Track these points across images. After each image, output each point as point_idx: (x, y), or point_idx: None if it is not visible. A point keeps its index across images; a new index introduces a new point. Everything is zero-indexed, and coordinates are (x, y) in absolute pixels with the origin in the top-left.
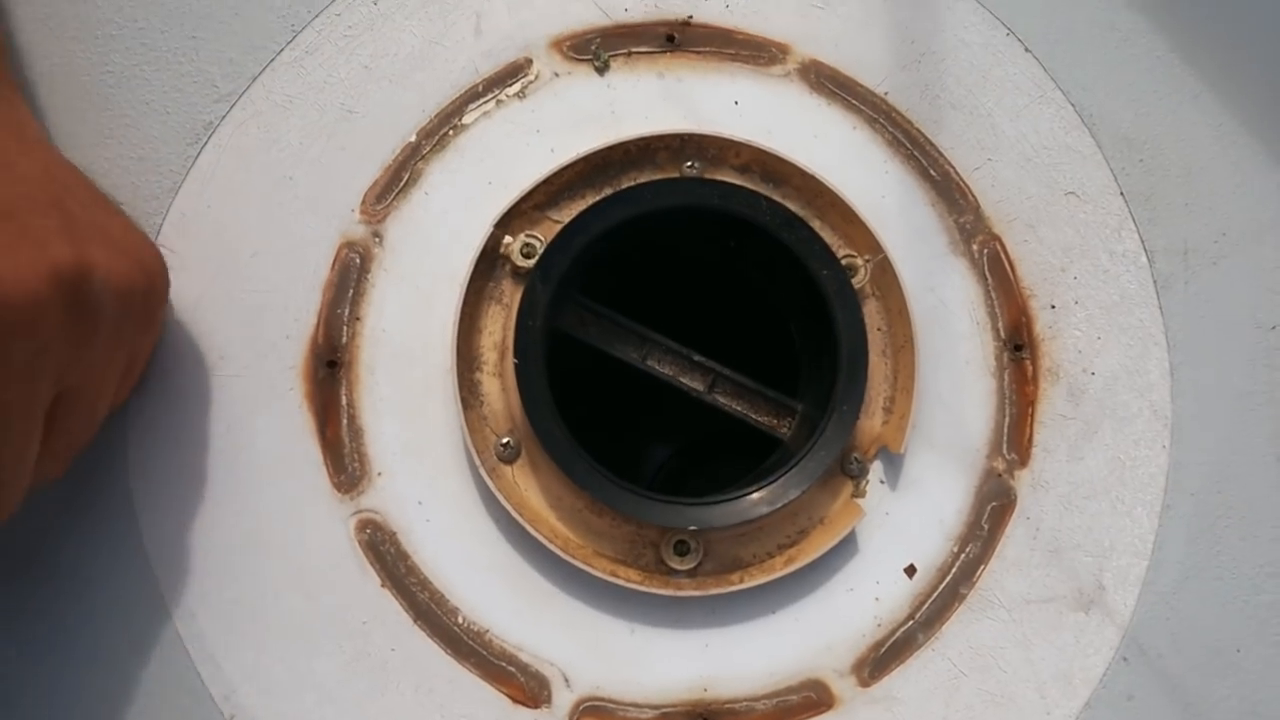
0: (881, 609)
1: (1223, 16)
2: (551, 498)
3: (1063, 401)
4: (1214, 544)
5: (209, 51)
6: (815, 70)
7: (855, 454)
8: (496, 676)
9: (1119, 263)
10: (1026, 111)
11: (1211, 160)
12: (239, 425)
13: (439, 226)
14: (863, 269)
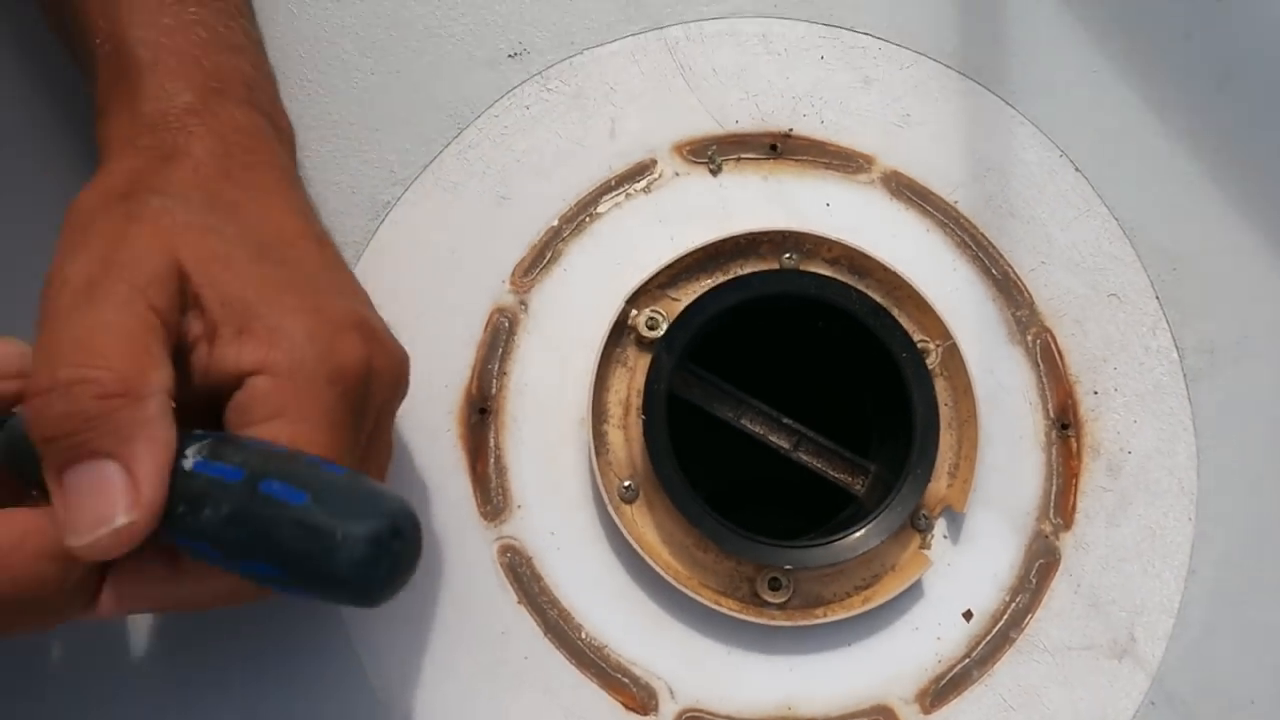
0: (942, 647)
1: (1246, 148)
2: (664, 534)
3: (1102, 475)
4: (1233, 607)
5: (389, 143)
6: (896, 179)
7: (924, 511)
8: (612, 686)
9: (1153, 357)
10: (1075, 223)
11: (1235, 272)
12: (405, 458)
13: (576, 298)
14: (934, 353)
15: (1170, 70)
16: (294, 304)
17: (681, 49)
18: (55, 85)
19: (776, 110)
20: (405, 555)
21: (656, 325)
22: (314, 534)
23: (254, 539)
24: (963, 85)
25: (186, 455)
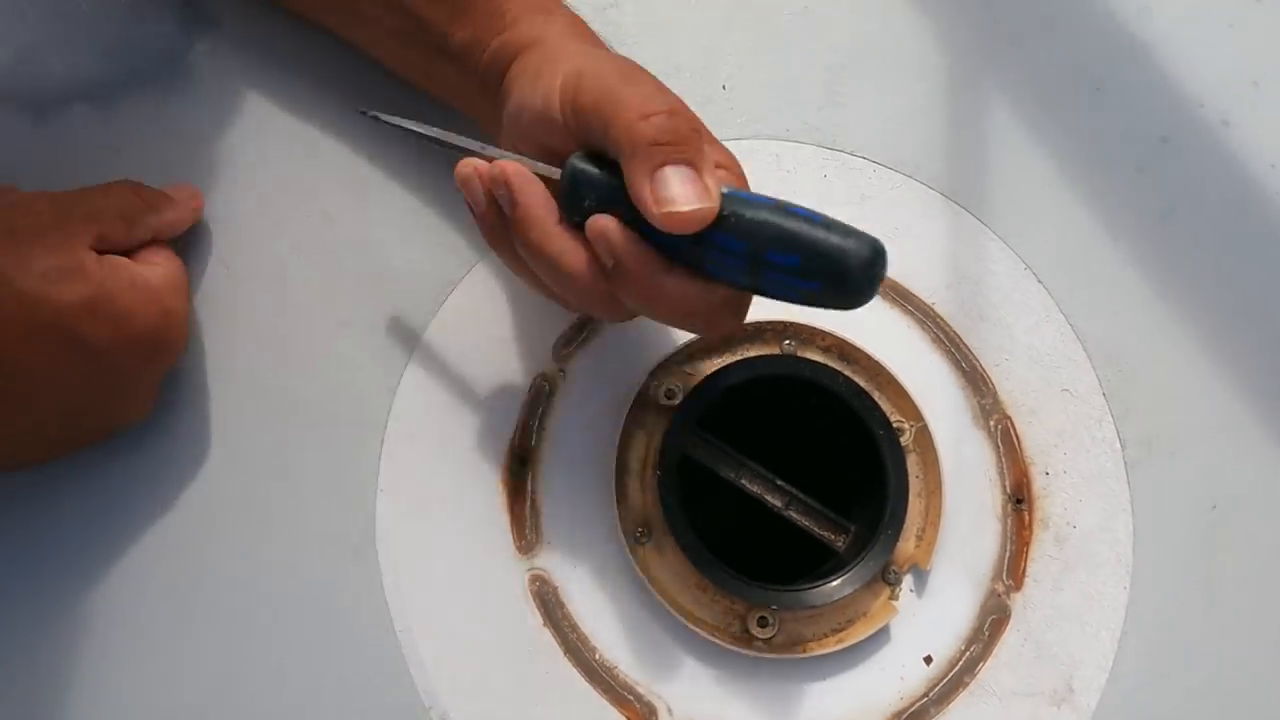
0: (905, 686)
1: (1185, 271)
2: (671, 573)
3: (1050, 545)
4: (1159, 666)
5: (458, 230)
6: (884, 282)
7: (894, 567)
8: (619, 701)
9: (1098, 445)
10: (1035, 327)
11: (1172, 376)
12: (456, 496)
13: (606, 370)
14: (908, 431)
15: (1123, 200)
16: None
17: None
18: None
19: None
20: (884, 271)
21: (673, 395)
22: (835, 236)
23: (786, 236)
24: (944, 205)
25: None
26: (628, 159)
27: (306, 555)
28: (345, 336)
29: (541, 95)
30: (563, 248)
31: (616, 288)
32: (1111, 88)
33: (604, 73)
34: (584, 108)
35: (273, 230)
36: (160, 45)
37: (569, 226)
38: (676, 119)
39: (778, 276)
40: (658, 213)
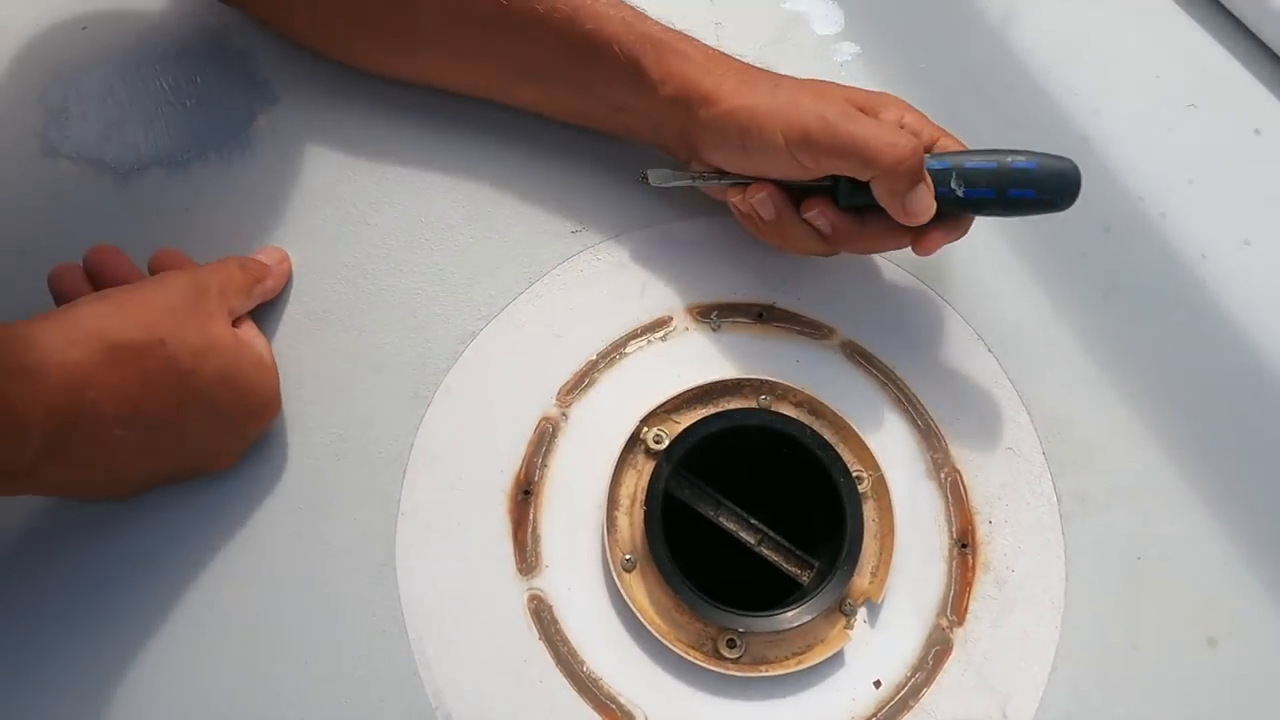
0: (855, 707)
1: (1121, 345)
2: (653, 597)
3: (990, 586)
4: (1084, 700)
5: (479, 287)
6: (850, 346)
7: (849, 600)
8: (603, 709)
9: (1037, 499)
10: (985, 391)
11: (1106, 438)
12: (466, 522)
13: (603, 415)
14: (866, 480)
15: (1067, 281)
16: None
17: (697, 237)
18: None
19: (764, 287)
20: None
21: (661, 440)
22: (1055, 170)
23: (1022, 179)
24: (907, 280)
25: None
26: (885, 185)
27: (334, 570)
28: (377, 378)
29: (763, 138)
30: (798, 231)
31: (825, 245)
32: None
33: (832, 116)
34: (831, 142)
35: (316, 283)
36: (227, 119)
37: (796, 216)
38: (915, 153)
39: (1018, 199)
40: (910, 218)
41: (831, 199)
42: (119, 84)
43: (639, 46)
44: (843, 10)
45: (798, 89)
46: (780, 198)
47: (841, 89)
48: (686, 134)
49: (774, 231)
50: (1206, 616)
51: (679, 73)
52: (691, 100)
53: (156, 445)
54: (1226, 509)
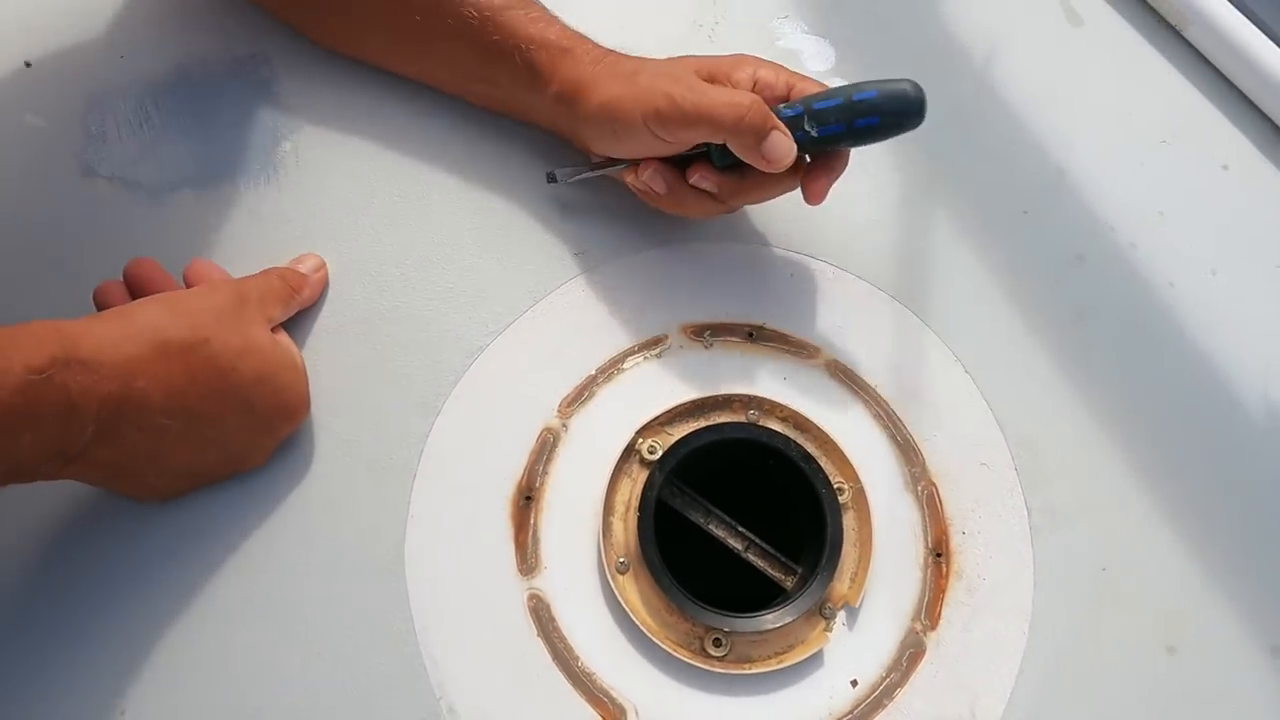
0: (833, 704)
1: (1093, 369)
2: (644, 598)
3: (963, 593)
4: (1049, 701)
5: (487, 305)
6: (835, 366)
7: (829, 604)
8: (596, 702)
9: (1009, 512)
10: (961, 409)
11: (1076, 456)
12: (471, 525)
13: (600, 426)
14: (847, 491)
15: (1040, 307)
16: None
17: (692, 261)
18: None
19: (755, 308)
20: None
21: (655, 451)
22: (895, 93)
23: (865, 108)
24: (891, 304)
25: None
26: (737, 142)
27: (347, 567)
28: (389, 389)
29: (627, 124)
30: (695, 196)
31: (719, 204)
32: (1037, 212)
33: (678, 94)
34: (678, 116)
35: (334, 298)
36: (253, 144)
37: (684, 183)
38: (753, 109)
39: (868, 125)
40: (772, 166)
41: (708, 160)
42: (153, 110)
43: (537, 52)
44: (834, 49)
45: (654, 72)
46: (667, 171)
47: (694, 61)
48: (574, 128)
49: (671, 202)
50: (1167, 626)
51: (563, 73)
52: (572, 97)
53: (196, 436)
54: (1188, 525)
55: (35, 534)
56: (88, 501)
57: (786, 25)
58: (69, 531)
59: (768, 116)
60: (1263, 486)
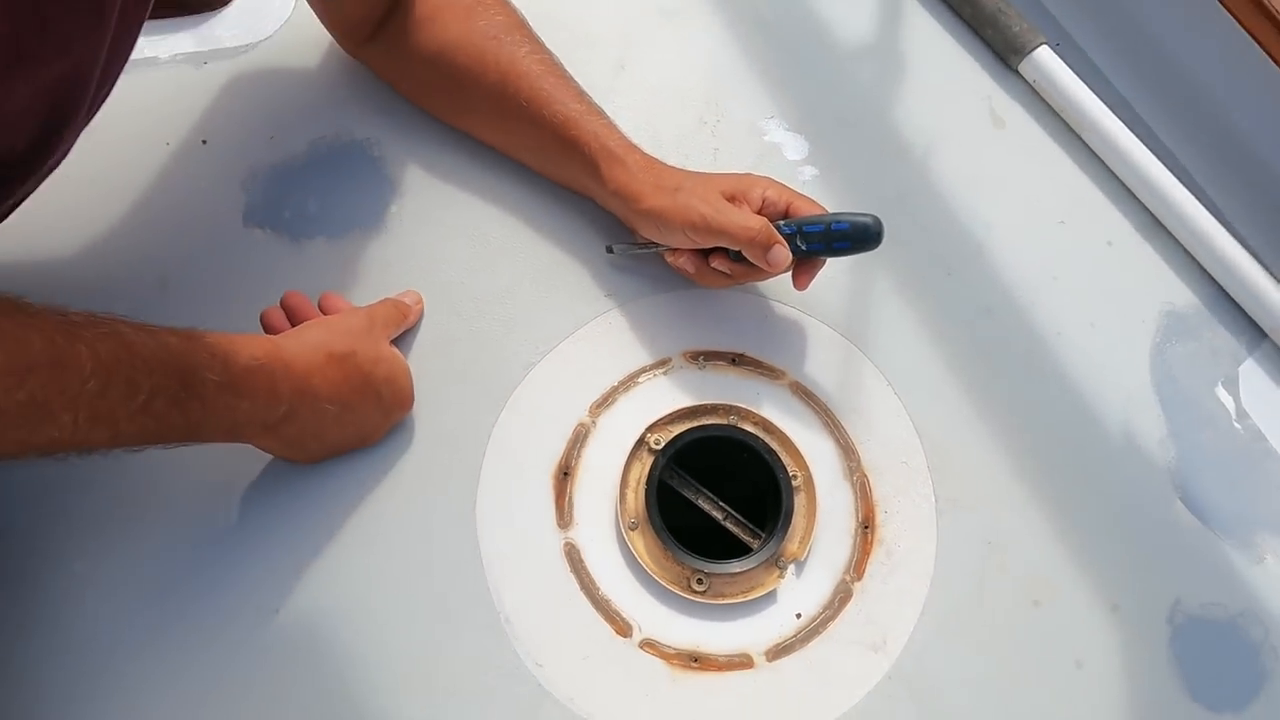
0: (782, 629)
1: (995, 392)
2: (649, 549)
3: (883, 556)
4: (942, 637)
5: (534, 331)
6: (796, 385)
7: (782, 558)
8: (611, 619)
9: (921, 499)
10: (888, 419)
11: (973, 459)
12: (522, 492)
13: (620, 424)
14: (799, 478)
15: (956, 346)
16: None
17: (692, 303)
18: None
19: (738, 340)
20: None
21: (659, 443)
22: (861, 226)
23: (839, 234)
24: (840, 341)
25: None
26: (749, 251)
27: (434, 519)
28: (467, 391)
29: (669, 229)
30: (715, 275)
31: (732, 280)
32: (958, 274)
33: (706, 213)
34: (707, 230)
35: (425, 322)
36: (368, 206)
37: (708, 265)
38: (760, 231)
39: (842, 246)
40: (772, 270)
41: (727, 254)
42: (295, 177)
43: (599, 154)
44: (808, 143)
45: (689, 191)
46: (696, 257)
47: (720, 181)
48: (627, 217)
49: (697, 276)
50: (1033, 585)
51: (619, 177)
52: (626, 198)
53: (344, 420)
54: (1054, 513)
55: (225, 486)
56: (260, 463)
57: (771, 124)
58: (251, 482)
59: (772, 235)
60: (1115, 487)
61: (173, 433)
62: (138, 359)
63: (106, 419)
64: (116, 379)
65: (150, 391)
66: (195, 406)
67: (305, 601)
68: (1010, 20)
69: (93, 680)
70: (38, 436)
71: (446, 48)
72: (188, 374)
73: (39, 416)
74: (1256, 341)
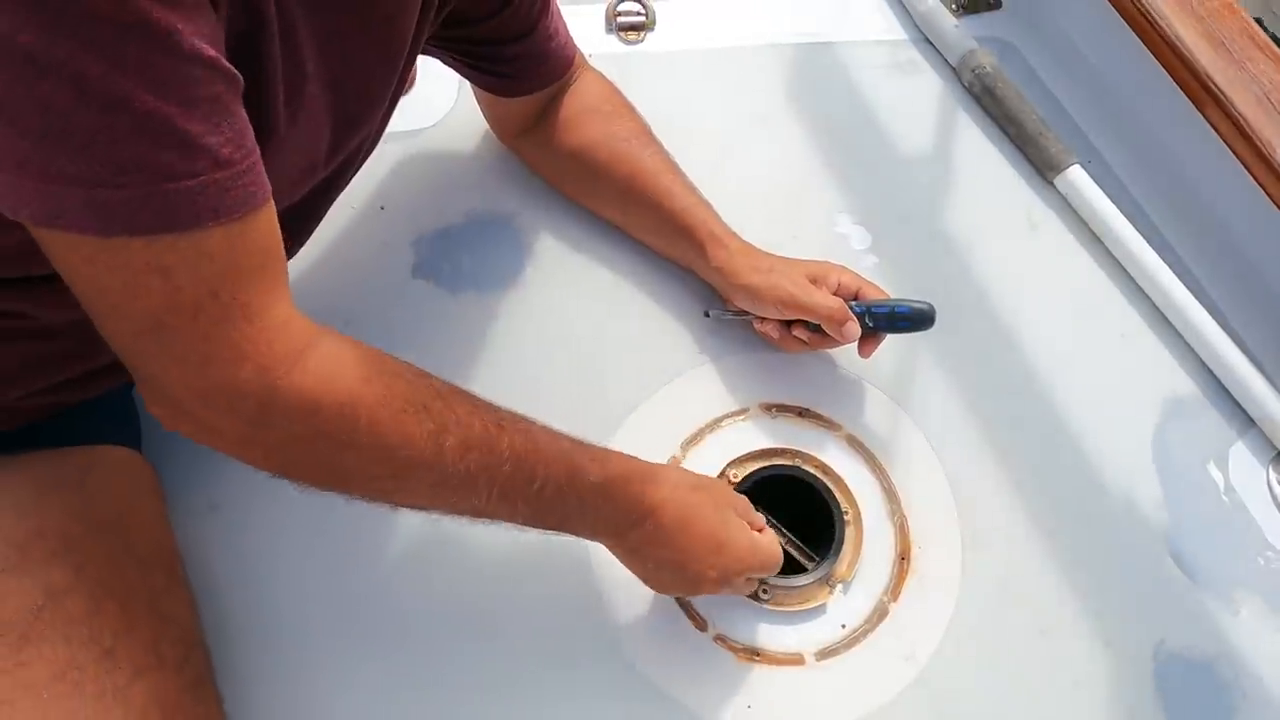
0: (830, 636)
1: (1020, 449)
2: None
3: (915, 583)
4: (962, 653)
5: (645, 379)
6: (850, 438)
7: (832, 578)
8: (692, 616)
9: (950, 537)
10: (926, 471)
11: (994, 507)
12: None
13: (705, 458)
14: (850, 514)
15: (987, 413)
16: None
17: (768, 363)
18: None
19: (805, 396)
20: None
21: (737, 476)
22: (919, 311)
23: (900, 316)
24: (887, 401)
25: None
26: (827, 326)
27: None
28: (588, 422)
29: (761, 303)
30: (795, 342)
31: (809, 347)
32: (991, 354)
33: (794, 292)
34: (795, 306)
35: (549, 363)
36: (507, 267)
37: (790, 334)
38: (838, 310)
39: (902, 325)
40: (845, 341)
41: (806, 325)
42: (453, 240)
43: (706, 238)
44: (871, 235)
45: (780, 273)
46: (780, 326)
47: (804, 266)
48: (725, 290)
49: (779, 342)
50: (1041, 617)
51: (721, 257)
52: (726, 273)
53: (685, 547)
54: (1061, 558)
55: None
56: None
57: (842, 217)
58: None
59: (847, 314)
60: (1115, 541)
61: (550, 518)
62: (540, 452)
63: (510, 497)
64: (524, 466)
65: (543, 480)
66: (573, 500)
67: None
68: (1049, 142)
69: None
70: (463, 503)
71: (586, 146)
72: (573, 471)
73: (469, 487)
74: (1246, 428)
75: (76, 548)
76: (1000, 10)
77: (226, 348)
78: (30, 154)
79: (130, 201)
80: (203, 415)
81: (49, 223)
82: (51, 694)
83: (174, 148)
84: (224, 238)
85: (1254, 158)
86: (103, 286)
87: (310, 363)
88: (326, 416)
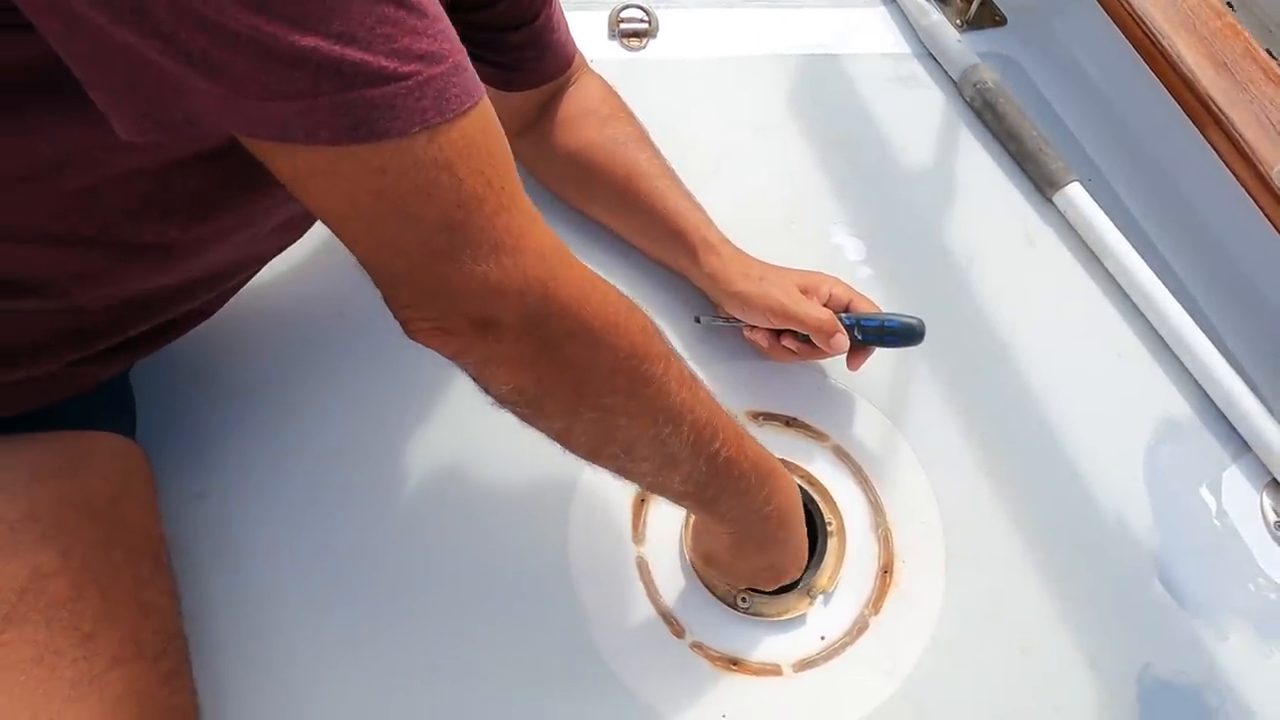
0: (808, 647)
1: (1009, 469)
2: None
3: (897, 596)
4: (944, 666)
5: None
6: (837, 449)
7: (814, 589)
8: (670, 622)
9: (934, 553)
10: (911, 484)
11: (980, 525)
12: (604, 514)
13: None
14: (834, 526)
15: (975, 430)
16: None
17: (756, 372)
18: None
19: (791, 406)
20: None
21: None
22: (908, 325)
23: (889, 330)
24: (877, 415)
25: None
26: (816, 336)
27: (522, 538)
28: None
29: (752, 311)
30: (784, 351)
31: (798, 357)
32: (984, 371)
33: (784, 302)
34: (784, 316)
35: None
36: None
37: (779, 343)
38: (828, 322)
39: (891, 340)
40: (834, 353)
41: (796, 335)
42: None
43: (699, 243)
44: (866, 247)
45: (771, 281)
46: (770, 335)
47: (796, 276)
48: (716, 297)
49: (768, 351)
50: (1024, 636)
51: (713, 263)
52: (717, 280)
53: (768, 532)
54: (1046, 577)
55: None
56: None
57: (837, 228)
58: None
59: (836, 325)
60: (1103, 562)
61: (711, 487)
62: (720, 415)
63: (698, 451)
64: (712, 421)
65: (722, 443)
66: (736, 471)
67: (428, 593)
68: (1048, 158)
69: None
70: (666, 445)
71: (583, 148)
72: (740, 440)
73: (676, 424)
74: (1240, 452)
75: (66, 532)
76: (1004, 27)
77: (511, 235)
78: (322, 67)
79: (415, 92)
80: (488, 311)
81: (349, 137)
82: (29, 676)
83: (426, 34)
84: (479, 120)
85: (1254, 179)
86: (395, 194)
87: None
88: (593, 310)
